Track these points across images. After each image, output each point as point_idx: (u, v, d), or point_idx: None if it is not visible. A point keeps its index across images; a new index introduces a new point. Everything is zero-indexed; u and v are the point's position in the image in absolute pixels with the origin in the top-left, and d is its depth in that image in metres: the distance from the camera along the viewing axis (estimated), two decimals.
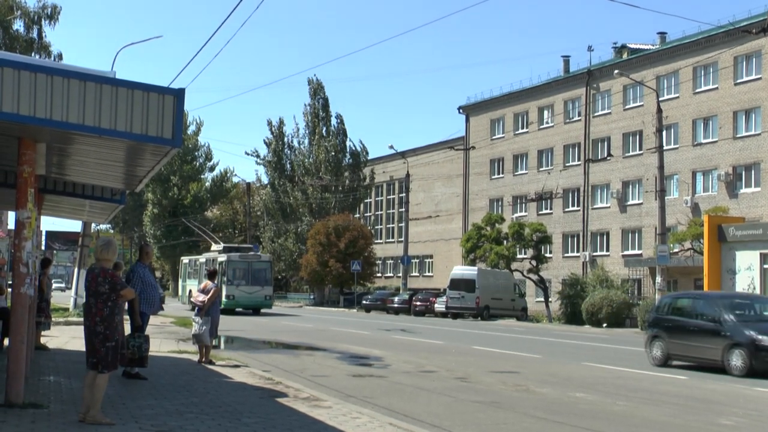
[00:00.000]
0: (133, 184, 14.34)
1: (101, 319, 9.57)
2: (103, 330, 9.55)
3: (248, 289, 47.69)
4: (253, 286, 47.86)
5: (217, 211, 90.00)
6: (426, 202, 75.69)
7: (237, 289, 47.23)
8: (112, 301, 9.59)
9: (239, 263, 48.35)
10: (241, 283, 47.57)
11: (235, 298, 47.10)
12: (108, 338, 9.54)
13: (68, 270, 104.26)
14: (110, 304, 9.59)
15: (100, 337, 9.54)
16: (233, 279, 47.48)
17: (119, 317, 9.75)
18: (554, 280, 57.34)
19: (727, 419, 12.38)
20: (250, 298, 47.87)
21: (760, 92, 47.50)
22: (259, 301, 48.48)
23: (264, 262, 50.40)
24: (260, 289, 48.19)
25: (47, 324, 19.48)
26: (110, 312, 9.59)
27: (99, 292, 9.59)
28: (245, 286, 47.65)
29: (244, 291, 47.55)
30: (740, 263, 37.62)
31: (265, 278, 49.00)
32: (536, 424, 11.50)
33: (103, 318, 9.56)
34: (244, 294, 47.56)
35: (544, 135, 63.12)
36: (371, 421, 10.70)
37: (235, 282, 47.40)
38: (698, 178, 51.34)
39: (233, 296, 46.93)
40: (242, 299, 47.69)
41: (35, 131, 9.65)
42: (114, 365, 9.63)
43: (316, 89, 74.78)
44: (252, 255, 50.41)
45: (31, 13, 40.20)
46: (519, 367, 19.49)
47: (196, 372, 15.84)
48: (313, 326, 36.58)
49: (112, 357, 9.57)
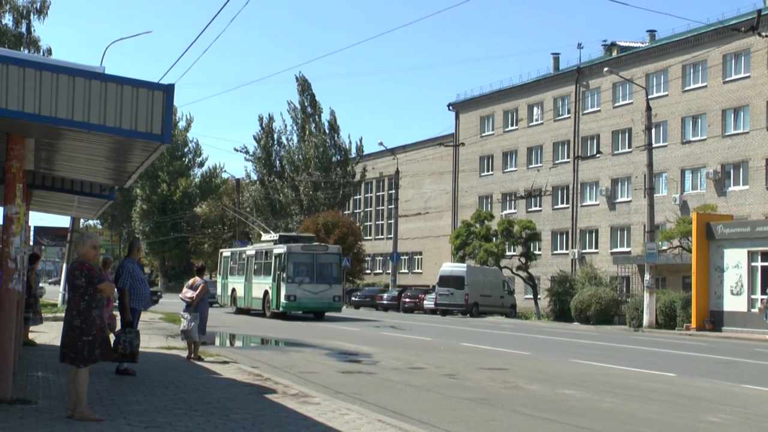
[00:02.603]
0: (122, 180, 14.31)
1: (77, 312, 9.44)
2: (79, 324, 9.42)
3: (313, 287, 39.49)
4: (318, 284, 39.64)
5: (206, 208, 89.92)
6: (415, 198, 75.74)
7: (299, 288, 39.19)
8: (89, 294, 9.45)
9: (302, 256, 39.96)
10: (304, 281, 39.41)
11: (297, 299, 39.18)
12: (84, 332, 9.40)
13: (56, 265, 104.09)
14: (87, 298, 9.45)
15: (77, 331, 9.42)
16: (294, 276, 39.39)
17: (97, 311, 9.54)
18: (543, 277, 57.48)
19: (714, 416, 12.42)
20: (315, 299, 39.58)
21: (748, 90, 47.65)
22: (326, 302, 40.16)
23: (332, 254, 41.44)
24: (327, 288, 39.92)
25: (36, 320, 19.41)
26: (87, 306, 9.45)
27: (76, 286, 9.47)
28: (309, 284, 39.48)
29: (308, 290, 39.41)
30: (728, 261, 37.77)
31: (332, 274, 40.73)
32: (525, 421, 11.52)
33: (80, 312, 9.42)
34: (308, 294, 39.38)
35: (534, 132, 63.22)
36: (360, 417, 10.70)
37: (297, 279, 39.31)
38: (687, 176, 51.49)
39: (294, 297, 39.08)
40: (306, 301, 39.53)
41: (24, 126, 9.61)
42: (91, 359, 9.47)
43: (303, 86, 74.79)
44: (317, 246, 42.37)
45: (20, 7, 39.99)
46: (508, 364, 19.52)
47: (184, 368, 15.82)
48: (305, 324, 36.53)
49: (88, 352, 9.41)
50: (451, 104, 72.24)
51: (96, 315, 9.51)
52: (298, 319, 39.22)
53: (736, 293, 37.35)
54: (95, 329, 9.47)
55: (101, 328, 9.59)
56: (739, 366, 21.61)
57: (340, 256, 42.28)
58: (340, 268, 42.30)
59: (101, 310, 9.68)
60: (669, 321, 39.75)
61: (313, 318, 40.09)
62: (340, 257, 42.27)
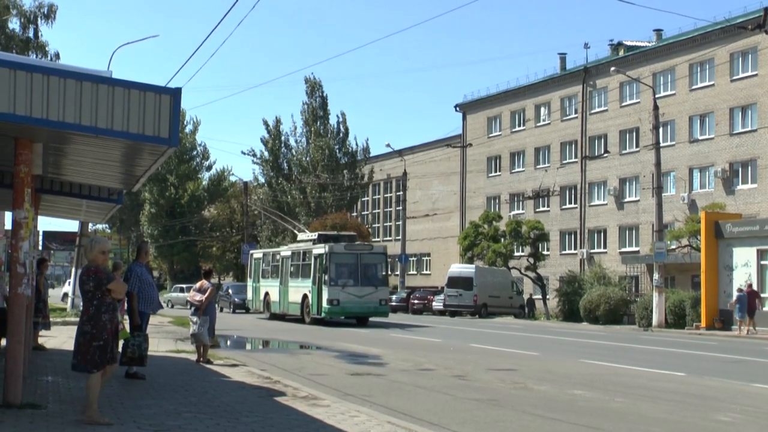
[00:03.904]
0: (131, 184, 14.33)
1: (88, 318, 9.40)
2: (89, 329, 9.36)
3: (357, 290, 36.44)
4: (363, 287, 36.62)
5: (214, 211, 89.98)
6: (423, 200, 75.69)
7: (343, 291, 36.18)
8: (98, 299, 9.39)
9: (345, 256, 36.95)
10: (348, 283, 36.43)
11: (340, 303, 36.18)
12: (95, 337, 9.34)
13: (65, 270, 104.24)
14: (96, 303, 9.39)
15: (87, 336, 9.36)
16: (337, 278, 36.46)
17: (107, 315, 9.44)
18: (552, 277, 57.39)
19: (724, 415, 12.40)
20: (360, 303, 36.52)
21: (756, 89, 47.53)
22: (372, 307, 37.05)
23: (377, 254, 38.41)
24: (373, 291, 36.83)
25: (45, 324, 19.47)
26: (96, 310, 9.39)
27: (85, 291, 9.45)
28: (353, 287, 36.46)
29: (352, 294, 36.32)
30: (737, 259, 37.69)
31: (378, 276, 37.76)
32: (534, 422, 11.50)
33: (90, 317, 9.38)
34: (352, 298, 36.29)
35: (541, 132, 63.13)
36: (369, 419, 10.70)
37: (340, 282, 36.36)
38: (695, 175, 51.36)
39: (338, 301, 36.11)
40: (350, 305, 36.47)
41: (32, 131, 9.64)
42: (103, 364, 9.43)
43: (314, 87, 74.72)
44: (360, 245, 39.49)
45: (28, 12, 40.11)
46: (517, 364, 19.50)
47: (194, 371, 15.84)
48: (316, 326, 36.49)
49: (100, 356, 9.36)
50: (458, 105, 72.18)
51: (106, 319, 9.43)
52: (341, 325, 36.61)
53: None
54: (106, 333, 9.41)
55: (112, 332, 9.53)
56: (748, 365, 21.57)
57: (386, 256, 39.19)
58: (386, 268, 39.16)
59: (112, 314, 9.55)
60: (678, 320, 39.68)
61: (356, 324, 37.04)
62: (386, 257, 39.16)
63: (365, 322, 37.55)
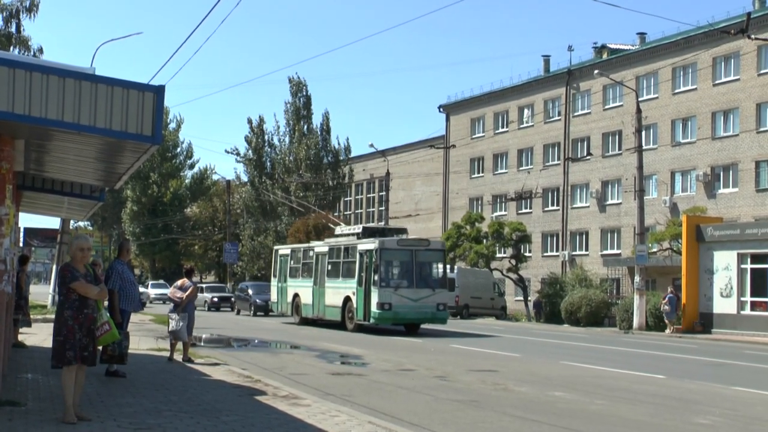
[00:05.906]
0: (113, 182, 14.28)
1: (56, 315, 9.78)
2: (54, 325, 9.71)
3: (412, 293, 31.40)
4: (419, 289, 31.53)
5: (196, 209, 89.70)
6: (406, 200, 75.72)
7: (395, 293, 31.16)
8: (63, 295, 9.65)
9: (398, 253, 32.28)
10: (401, 284, 31.55)
11: (392, 307, 31.03)
12: (57, 332, 9.58)
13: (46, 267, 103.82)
14: (61, 299, 9.71)
15: (54, 332, 9.67)
16: (388, 278, 31.75)
17: (69, 312, 9.56)
18: (533, 279, 57.53)
19: (704, 418, 12.45)
20: (415, 307, 31.41)
21: (738, 93, 47.81)
22: (429, 312, 31.86)
23: (436, 251, 33.26)
24: (430, 294, 31.65)
25: (26, 321, 19.38)
26: (60, 306, 9.71)
27: (58, 288, 9.87)
28: (407, 288, 31.43)
29: (406, 297, 31.27)
30: (718, 263, 37.85)
31: (435, 276, 32.71)
32: (514, 423, 11.53)
33: (55, 313, 9.78)
34: (406, 301, 31.24)
35: (524, 134, 63.30)
36: (350, 419, 10.70)
37: (392, 283, 31.60)
38: (677, 179, 51.63)
39: (390, 305, 31.01)
40: (404, 310, 31.29)
41: (13, 127, 9.58)
42: (63, 361, 9.50)
43: (298, 87, 74.59)
44: (416, 240, 34.32)
45: (9, 6, 39.84)
46: (498, 366, 19.53)
47: (174, 370, 15.79)
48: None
49: (59, 353, 9.53)
50: (442, 106, 72.29)
51: (68, 315, 9.56)
52: (388, 332, 31.86)
53: (725, 295, 37.44)
54: (66, 329, 9.52)
55: (74, 329, 9.53)
56: (728, 368, 21.66)
57: (445, 254, 34.42)
58: (446, 268, 33.82)
59: (76, 311, 9.59)
60: (659, 323, 39.81)
61: (405, 332, 32.23)
62: (445, 254, 34.33)
63: (415, 329, 32.59)
